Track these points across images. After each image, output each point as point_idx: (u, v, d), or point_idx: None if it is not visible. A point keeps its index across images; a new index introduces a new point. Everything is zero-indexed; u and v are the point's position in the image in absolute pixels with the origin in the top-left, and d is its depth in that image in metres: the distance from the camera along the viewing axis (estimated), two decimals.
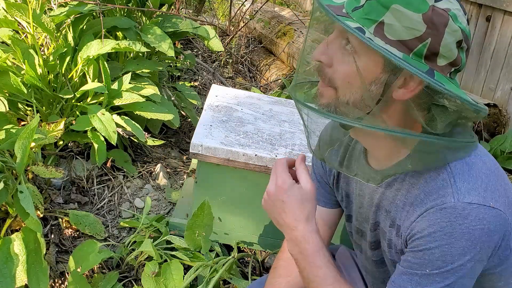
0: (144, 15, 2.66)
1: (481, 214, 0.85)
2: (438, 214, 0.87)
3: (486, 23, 3.34)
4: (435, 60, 0.81)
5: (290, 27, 4.49)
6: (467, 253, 0.86)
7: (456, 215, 0.86)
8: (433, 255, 0.89)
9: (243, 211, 1.74)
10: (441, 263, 0.88)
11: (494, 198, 0.87)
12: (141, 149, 2.54)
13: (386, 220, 1.01)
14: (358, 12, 0.81)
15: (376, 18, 0.79)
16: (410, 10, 0.78)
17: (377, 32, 0.79)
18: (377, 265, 1.13)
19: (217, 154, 1.63)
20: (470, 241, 0.86)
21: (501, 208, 0.87)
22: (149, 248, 1.58)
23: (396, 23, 0.78)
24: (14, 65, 2.07)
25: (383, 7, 0.79)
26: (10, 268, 1.41)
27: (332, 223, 1.27)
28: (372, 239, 1.09)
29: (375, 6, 0.79)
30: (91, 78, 2.19)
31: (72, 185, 2.11)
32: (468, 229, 0.85)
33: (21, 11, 2.02)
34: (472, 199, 0.86)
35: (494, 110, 3.02)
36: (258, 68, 4.47)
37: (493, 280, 0.99)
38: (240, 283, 1.63)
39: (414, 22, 0.78)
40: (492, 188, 0.88)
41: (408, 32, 0.78)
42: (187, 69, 3.77)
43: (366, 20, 0.80)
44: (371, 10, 0.80)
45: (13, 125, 1.91)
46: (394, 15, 0.78)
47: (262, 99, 2.15)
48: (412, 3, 0.78)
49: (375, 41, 0.79)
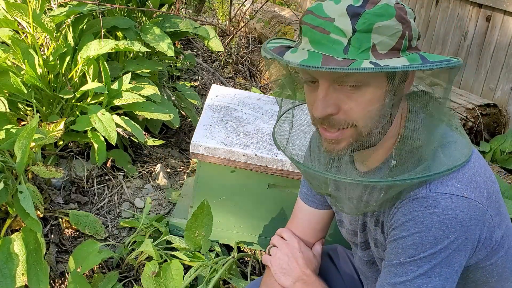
0: (144, 15, 2.65)
1: (453, 204, 0.87)
2: (411, 204, 0.90)
3: (486, 23, 3.34)
4: (411, 44, 0.87)
5: (290, 27, 4.49)
6: (439, 242, 0.88)
7: (427, 204, 0.88)
8: (405, 243, 0.91)
9: (243, 211, 1.74)
10: (413, 252, 0.90)
11: (469, 188, 0.88)
12: (141, 149, 2.54)
13: (372, 218, 1.04)
14: (351, 51, 0.83)
15: (368, 45, 0.83)
16: (386, 20, 0.83)
17: (375, 55, 0.84)
18: (368, 265, 1.15)
19: (217, 154, 1.63)
20: (442, 230, 0.87)
21: (476, 198, 0.88)
22: (149, 248, 1.58)
23: (382, 38, 0.83)
24: (14, 65, 2.07)
25: (367, 32, 0.83)
26: (10, 268, 1.41)
27: (324, 225, 1.28)
28: (362, 239, 1.12)
29: (361, 36, 0.83)
30: (91, 78, 2.19)
31: (72, 185, 2.11)
32: (439, 218, 0.87)
33: (21, 11, 2.02)
34: (444, 189, 0.88)
35: (494, 110, 3.02)
36: (258, 68, 4.47)
37: (486, 275, 1.00)
38: (240, 283, 1.63)
39: (393, 27, 0.84)
40: (468, 179, 0.89)
41: (392, 38, 0.84)
42: (187, 69, 3.77)
43: (363, 53, 0.83)
44: (360, 41, 0.83)
45: (13, 125, 1.91)
46: (378, 33, 0.83)
47: (262, 99, 2.15)
48: (383, 14, 0.84)
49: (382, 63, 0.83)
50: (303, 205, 1.26)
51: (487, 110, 2.99)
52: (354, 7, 0.83)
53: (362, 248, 1.13)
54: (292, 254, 1.20)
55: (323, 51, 0.83)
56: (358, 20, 0.82)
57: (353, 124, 0.89)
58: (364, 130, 0.89)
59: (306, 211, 1.26)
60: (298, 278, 1.16)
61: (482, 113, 2.95)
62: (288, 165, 1.62)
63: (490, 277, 1.00)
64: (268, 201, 1.72)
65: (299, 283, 1.15)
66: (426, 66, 0.82)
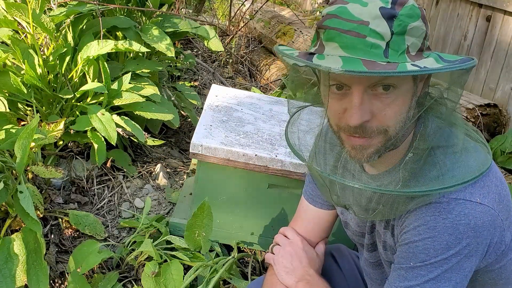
0: (144, 15, 2.65)
1: (466, 210, 0.86)
2: (424, 209, 0.89)
3: (486, 23, 3.34)
4: (425, 44, 0.87)
5: (290, 27, 4.49)
6: (451, 248, 0.87)
7: (440, 209, 0.87)
8: (416, 248, 0.90)
9: (243, 211, 1.74)
10: (424, 256, 0.90)
11: (482, 194, 0.88)
12: (141, 149, 2.54)
13: (381, 221, 1.02)
14: (391, 54, 0.81)
15: (404, 48, 0.83)
16: (416, 21, 0.83)
17: (410, 57, 0.83)
18: (373, 267, 1.14)
19: (217, 154, 1.63)
20: (454, 235, 0.86)
21: (489, 204, 0.88)
22: (149, 248, 1.58)
23: (413, 39, 0.83)
24: (14, 65, 2.06)
25: (402, 34, 0.82)
26: (10, 268, 1.41)
27: (328, 225, 1.28)
28: (369, 241, 1.11)
29: (398, 38, 0.82)
30: (91, 78, 2.19)
31: (72, 185, 2.11)
32: (452, 224, 0.86)
33: (21, 11, 2.01)
34: (457, 194, 0.87)
35: (494, 110, 3.02)
36: (258, 68, 4.47)
37: (494, 278, 1.00)
38: (240, 283, 1.63)
39: (420, 28, 0.84)
40: (481, 184, 0.89)
41: (419, 38, 0.84)
42: (187, 69, 3.77)
43: (401, 55, 0.82)
44: (398, 44, 0.82)
45: (13, 125, 1.91)
46: (411, 34, 0.83)
47: (262, 99, 2.15)
48: (412, 15, 0.83)
49: (421, 64, 0.82)
50: (307, 205, 1.26)
51: (487, 110, 2.99)
52: (387, 9, 0.81)
53: (369, 250, 1.12)
54: (295, 253, 1.20)
55: (360, 55, 0.80)
56: (393, 22, 0.81)
57: (384, 129, 0.87)
58: (393, 134, 0.88)
59: (310, 211, 1.26)
60: (301, 277, 1.16)
61: (482, 113, 2.95)
62: (288, 165, 1.62)
63: (498, 280, 1.00)
64: (268, 201, 1.72)
65: (302, 282, 1.15)
66: (463, 66, 0.79)
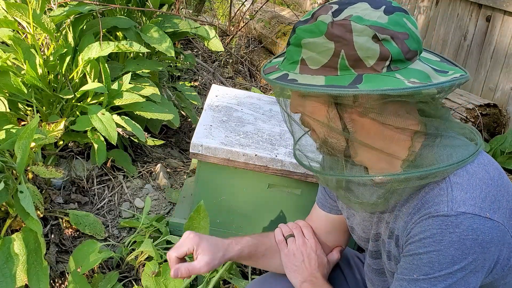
0: (144, 15, 2.65)
1: (474, 224, 0.84)
2: (430, 221, 0.87)
3: (486, 23, 3.34)
4: (363, 64, 0.84)
5: (290, 27, 4.49)
6: (456, 262, 0.85)
7: (447, 223, 0.85)
8: (421, 260, 0.89)
9: (243, 211, 1.74)
10: (428, 270, 0.88)
11: (492, 209, 0.86)
12: (141, 149, 2.54)
13: (386, 230, 1.02)
14: (283, 63, 0.93)
15: (297, 58, 0.89)
16: (315, 37, 0.86)
17: (303, 69, 0.87)
18: (376, 274, 1.14)
19: (217, 154, 1.63)
20: (461, 250, 0.84)
21: (499, 219, 0.86)
22: (149, 248, 1.58)
23: (312, 53, 0.86)
24: (14, 65, 2.07)
25: (297, 46, 0.88)
26: (10, 268, 1.41)
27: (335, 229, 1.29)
28: (373, 249, 1.10)
29: (292, 50, 0.90)
30: (91, 78, 2.19)
31: (72, 185, 2.11)
32: (459, 238, 0.84)
33: (21, 11, 2.02)
34: (466, 208, 0.84)
35: (494, 110, 3.02)
36: (258, 68, 4.47)
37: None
38: (240, 283, 1.63)
39: (322, 44, 0.85)
40: (492, 199, 0.86)
41: (323, 55, 0.86)
42: (187, 69, 3.77)
43: (291, 65, 0.90)
44: (291, 55, 0.90)
45: (13, 125, 1.91)
46: (307, 48, 0.87)
47: (262, 99, 2.16)
48: (313, 30, 0.86)
49: (301, 79, 0.87)
50: (318, 210, 1.30)
51: (487, 110, 2.99)
52: (301, 21, 0.91)
53: (373, 256, 1.11)
54: (307, 255, 1.23)
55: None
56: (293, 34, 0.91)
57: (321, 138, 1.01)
58: (328, 143, 0.98)
59: (320, 215, 1.29)
60: (307, 278, 1.18)
61: (482, 113, 2.95)
62: (288, 165, 1.62)
63: None
64: (268, 201, 1.72)
65: (307, 283, 1.17)
66: (341, 91, 0.84)
